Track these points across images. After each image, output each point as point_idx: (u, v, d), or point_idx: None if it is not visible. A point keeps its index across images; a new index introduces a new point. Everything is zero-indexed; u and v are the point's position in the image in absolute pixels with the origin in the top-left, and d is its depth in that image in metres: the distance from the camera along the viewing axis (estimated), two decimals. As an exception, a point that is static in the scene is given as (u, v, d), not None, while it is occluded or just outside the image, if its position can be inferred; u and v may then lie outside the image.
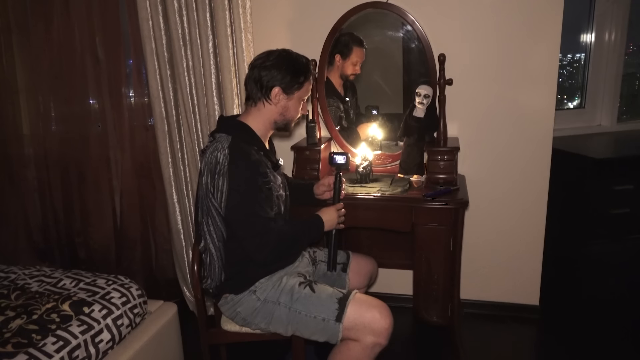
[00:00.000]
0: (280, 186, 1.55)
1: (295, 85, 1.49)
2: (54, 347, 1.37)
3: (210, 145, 1.48)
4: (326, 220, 1.56)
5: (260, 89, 1.47)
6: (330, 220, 1.58)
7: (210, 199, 1.43)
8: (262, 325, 1.50)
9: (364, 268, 1.79)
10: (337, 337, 1.42)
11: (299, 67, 1.49)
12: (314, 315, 1.43)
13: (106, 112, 2.51)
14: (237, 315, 1.53)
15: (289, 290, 1.48)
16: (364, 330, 1.40)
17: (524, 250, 2.25)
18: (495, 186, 2.20)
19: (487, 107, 2.13)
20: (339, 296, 1.45)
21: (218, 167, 1.40)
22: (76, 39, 2.44)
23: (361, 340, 1.40)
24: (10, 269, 1.88)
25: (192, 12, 2.02)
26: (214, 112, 2.11)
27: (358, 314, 1.41)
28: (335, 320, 1.40)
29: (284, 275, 1.54)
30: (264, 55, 1.49)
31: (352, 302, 1.43)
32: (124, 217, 2.61)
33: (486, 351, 2.08)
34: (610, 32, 2.54)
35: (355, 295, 1.46)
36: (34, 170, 2.69)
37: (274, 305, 1.47)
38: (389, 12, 2.06)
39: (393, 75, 2.28)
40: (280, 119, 1.54)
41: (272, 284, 1.50)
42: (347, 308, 1.41)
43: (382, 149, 2.23)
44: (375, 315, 1.41)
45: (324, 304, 1.43)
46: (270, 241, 1.43)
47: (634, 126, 2.69)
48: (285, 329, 1.48)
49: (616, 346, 2.06)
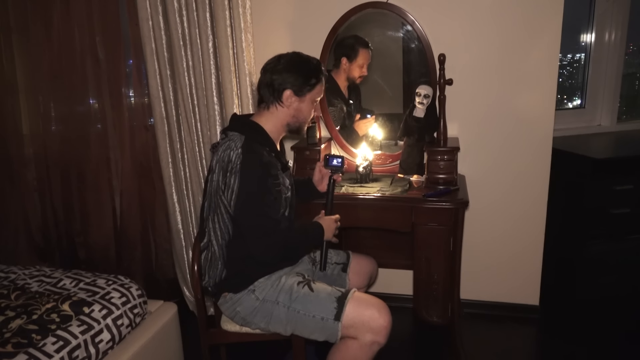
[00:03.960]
0: (288, 188, 1.56)
1: (306, 87, 1.50)
2: (54, 347, 1.37)
3: (222, 142, 1.49)
4: (325, 228, 1.59)
5: (272, 93, 1.49)
6: (329, 230, 1.61)
7: (221, 196, 1.44)
8: (262, 325, 1.51)
9: (364, 268, 1.80)
10: (336, 336, 1.42)
11: (310, 69, 1.51)
12: (312, 315, 1.43)
13: (106, 112, 2.51)
14: (237, 315, 1.53)
15: (288, 289, 1.48)
16: (363, 329, 1.40)
17: (524, 250, 2.25)
18: (495, 186, 2.20)
19: (487, 107, 2.13)
20: (337, 295, 1.45)
21: (230, 165, 1.41)
22: (76, 39, 2.44)
23: (360, 339, 1.41)
24: (10, 269, 1.88)
25: (192, 12, 2.02)
26: (214, 112, 2.11)
27: (357, 312, 1.41)
28: (334, 319, 1.41)
29: (283, 275, 1.54)
30: (275, 59, 1.51)
31: (351, 301, 1.43)
32: (124, 217, 2.61)
33: (486, 351, 2.08)
34: (610, 32, 2.54)
35: (354, 294, 1.46)
36: (34, 170, 2.69)
37: (272, 305, 1.47)
38: (389, 12, 2.06)
39: (393, 75, 2.28)
40: (293, 121, 1.55)
41: (270, 284, 1.51)
42: (345, 307, 1.41)
43: (382, 149, 2.23)
44: (373, 313, 1.41)
45: (323, 302, 1.43)
46: (278, 242, 1.44)
47: (634, 126, 2.69)
48: (284, 328, 1.48)
49: (616, 346, 2.06)
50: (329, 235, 1.61)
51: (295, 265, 1.64)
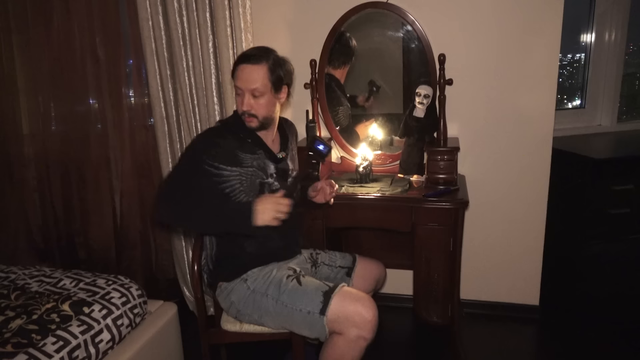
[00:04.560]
0: (272, 175, 1.55)
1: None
2: (54, 347, 1.37)
3: None
4: (259, 210, 1.38)
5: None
6: (263, 211, 1.38)
7: None
8: (255, 317, 1.51)
9: (371, 272, 1.76)
10: (324, 332, 1.42)
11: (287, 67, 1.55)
12: (299, 308, 1.43)
13: (106, 112, 2.51)
14: (232, 306, 1.55)
15: (277, 282, 1.49)
16: (347, 323, 1.39)
17: (524, 250, 2.25)
18: (495, 186, 2.20)
19: (487, 107, 2.13)
20: (324, 289, 1.45)
21: None
22: (76, 39, 2.44)
23: (345, 334, 1.40)
24: (10, 269, 1.88)
25: (192, 12, 2.02)
26: (214, 112, 2.11)
27: (341, 306, 1.40)
28: (319, 313, 1.40)
29: (275, 268, 1.55)
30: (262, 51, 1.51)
31: (337, 295, 1.42)
32: (124, 217, 2.62)
33: (486, 351, 2.08)
34: (610, 32, 2.53)
35: (341, 289, 1.45)
36: (34, 170, 2.69)
37: (262, 297, 1.49)
38: (389, 12, 2.06)
39: (393, 75, 2.28)
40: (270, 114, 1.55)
41: (262, 275, 1.53)
42: (331, 301, 1.41)
43: (382, 149, 2.23)
44: (358, 308, 1.40)
45: (310, 296, 1.43)
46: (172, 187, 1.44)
47: (634, 126, 2.69)
48: (274, 322, 1.49)
49: (616, 346, 2.06)
50: (266, 218, 1.37)
51: (290, 260, 1.64)
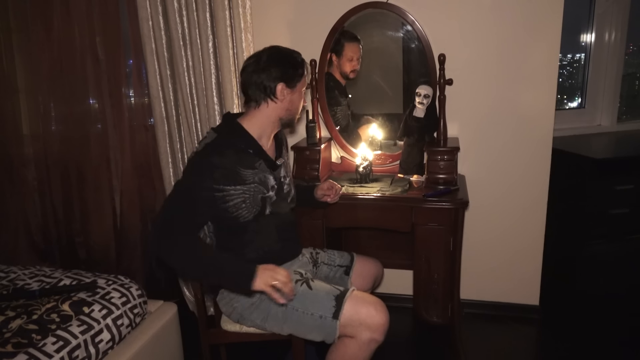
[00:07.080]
0: (273, 187, 1.51)
1: (296, 77, 1.50)
2: (54, 347, 1.37)
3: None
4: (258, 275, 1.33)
5: (264, 91, 1.46)
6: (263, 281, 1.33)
7: None
8: (258, 322, 1.50)
9: (369, 271, 1.77)
10: (334, 335, 1.42)
11: (295, 59, 1.50)
12: (311, 313, 1.43)
13: (106, 112, 2.50)
14: (234, 311, 1.53)
15: None
16: (360, 327, 1.40)
17: (524, 250, 2.25)
18: (495, 186, 2.20)
19: (487, 107, 2.13)
20: (336, 293, 1.45)
21: None
22: (76, 39, 2.44)
23: (357, 337, 1.40)
24: (10, 269, 1.88)
25: (192, 12, 2.02)
26: (214, 112, 2.11)
27: (354, 310, 1.41)
28: (332, 318, 1.40)
29: None
30: (253, 58, 1.48)
31: (349, 299, 1.43)
32: (124, 217, 2.61)
33: (486, 351, 2.08)
34: (610, 32, 2.54)
35: (352, 293, 1.46)
36: (34, 170, 2.69)
37: (270, 303, 1.46)
38: (389, 12, 2.06)
39: (393, 75, 2.28)
40: (287, 114, 1.54)
41: None
42: (344, 305, 1.41)
43: (383, 149, 2.23)
44: (370, 311, 1.41)
45: (322, 301, 1.43)
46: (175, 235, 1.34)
47: (634, 126, 2.69)
48: (281, 327, 1.48)
49: (616, 346, 2.06)
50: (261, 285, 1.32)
51: (293, 263, 1.63)
